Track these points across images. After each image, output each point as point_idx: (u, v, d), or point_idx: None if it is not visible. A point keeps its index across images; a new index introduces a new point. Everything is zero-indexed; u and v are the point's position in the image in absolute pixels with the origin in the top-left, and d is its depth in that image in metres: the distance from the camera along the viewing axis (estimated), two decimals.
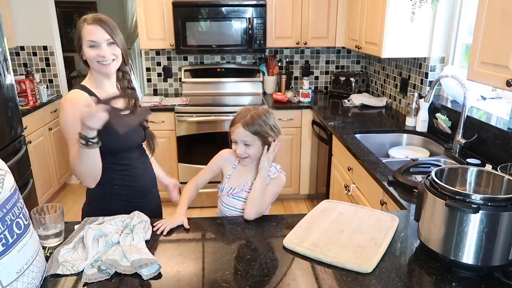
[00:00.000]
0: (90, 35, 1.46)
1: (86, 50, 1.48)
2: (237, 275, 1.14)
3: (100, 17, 1.49)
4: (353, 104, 3.43)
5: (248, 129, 1.49)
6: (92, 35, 1.46)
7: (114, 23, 1.52)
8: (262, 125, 1.50)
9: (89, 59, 1.49)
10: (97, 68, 1.51)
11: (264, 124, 1.51)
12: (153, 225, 1.40)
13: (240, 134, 1.51)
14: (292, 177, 3.72)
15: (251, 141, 1.51)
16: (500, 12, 1.54)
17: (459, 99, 2.39)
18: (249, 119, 1.50)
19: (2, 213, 0.95)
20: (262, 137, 1.52)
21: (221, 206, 1.64)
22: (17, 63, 3.98)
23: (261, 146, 1.53)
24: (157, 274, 1.15)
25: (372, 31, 2.91)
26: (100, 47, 1.48)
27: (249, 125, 1.49)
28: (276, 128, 1.55)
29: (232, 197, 1.59)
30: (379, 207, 1.86)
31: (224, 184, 1.62)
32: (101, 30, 1.48)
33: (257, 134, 1.50)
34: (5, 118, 2.88)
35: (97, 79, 1.56)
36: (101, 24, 1.47)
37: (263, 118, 1.51)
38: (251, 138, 1.50)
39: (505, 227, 1.09)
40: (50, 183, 3.80)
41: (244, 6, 3.47)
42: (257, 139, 1.51)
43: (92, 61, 1.49)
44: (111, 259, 1.17)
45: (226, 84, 3.99)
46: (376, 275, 1.13)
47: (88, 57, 1.49)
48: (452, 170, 1.33)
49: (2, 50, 2.83)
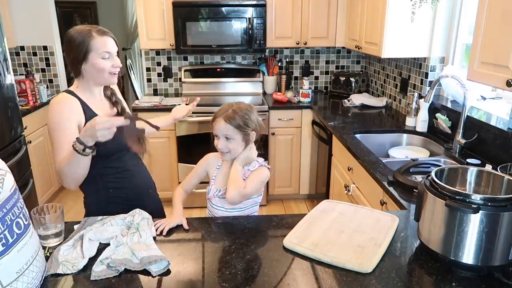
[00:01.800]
0: (104, 46, 1.47)
1: (97, 61, 1.47)
2: (237, 275, 1.14)
3: (105, 29, 1.51)
4: (353, 104, 3.43)
5: (230, 123, 1.52)
6: (106, 46, 1.47)
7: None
8: (244, 119, 1.53)
9: (100, 69, 1.48)
10: (105, 78, 1.51)
11: (246, 119, 1.54)
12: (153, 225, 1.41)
13: (221, 128, 1.53)
14: (292, 177, 3.72)
15: (232, 135, 1.53)
16: (500, 12, 1.54)
17: (459, 99, 2.39)
18: (230, 113, 1.53)
19: (2, 213, 0.95)
20: (243, 132, 1.54)
21: (210, 207, 1.65)
22: (17, 63, 3.98)
23: (241, 141, 1.55)
24: (166, 270, 1.15)
25: (372, 31, 2.91)
26: (113, 58, 1.50)
27: (231, 119, 1.52)
28: (257, 124, 1.58)
29: (219, 198, 1.60)
30: (379, 207, 1.86)
31: (211, 186, 1.64)
32: (112, 41, 1.51)
33: (238, 128, 1.52)
34: (5, 118, 2.88)
35: (88, 88, 1.55)
36: (111, 35, 1.51)
37: (244, 112, 1.54)
38: (232, 132, 1.52)
39: (505, 227, 1.09)
40: (50, 183, 3.80)
41: (244, 6, 3.47)
42: (238, 133, 1.53)
43: (103, 71, 1.48)
44: (121, 259, 1.17)
45: (226, 84, 3.99)
46: (376, 275, 1.13)
47: (100, 68, 1.48)
48: (452, 170, 1.33)
49: (2, 50, 2.83)
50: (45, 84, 4.00)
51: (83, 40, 1.45)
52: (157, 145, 3.54)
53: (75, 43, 1.46)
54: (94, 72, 1.49)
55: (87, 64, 1.48)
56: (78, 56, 1.46)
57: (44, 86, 3.86)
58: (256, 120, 1.57)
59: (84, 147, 1.33)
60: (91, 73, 1.49)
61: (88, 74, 1.50)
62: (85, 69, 1.49)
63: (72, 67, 1.50)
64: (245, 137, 1.55)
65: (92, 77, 1.51)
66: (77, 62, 1.48)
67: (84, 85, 1.54)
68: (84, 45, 1.45)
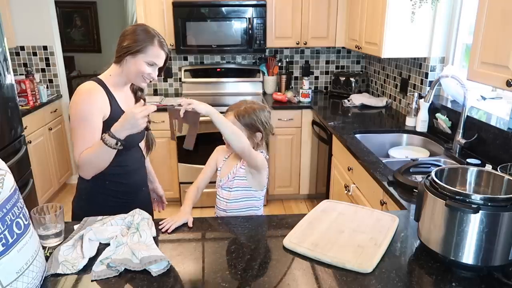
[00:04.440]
0: (156, 57, 1.53)
1: (141, 63, 1.51)
2: (237, 275, 1.14)
3: (165, 43, 1.56)
4: (353, 104, 3.43)
5: (239, 120, 1.55)
6: (158, 59, 1.53)
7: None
8: (254, 119, 1.56)
9: (139, 72, 1.52)
10: (137, 80, 1.56)
11: (256, 119, 1.56)
12: (159, 224, 1.41)
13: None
14: (292, 177, 3.72)
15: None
16: (500, 12, 1.54)
17: (459, 99, 2.39)
18: (242, 110, 1.56)
19: (2, 213, 0.95)
20: (250, 131, 1.56)
21: (216, 199, 1.69)
22: (17, 63, 3.98)
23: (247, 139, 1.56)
24: (166, 270, 1.15)
25: (372, 31, 2.91)
26: (155, 69, 1.55)
27: (241, 116, 1.55)
28: (267, 126, 1.60)
29: (222, 189, 1.65)
30: (379, 207, 1.86)
31: (218, 177, 1.68)
32: (164, 57, 1.56)
33: (246, 126, 1.55)
34: (5, 118, 2.88)
35: (120, 80, 1.58)
36: (166, 52, 1.56)
37: (256, 113, 1.56)
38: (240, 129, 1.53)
39: (505, 227, 1.09)
40: (50, 183, 3.80)
41: (244, 6, 3.47)
42: (245, 131, 1.55)
43: (139, 72, 1.53)
44: (121, 259, 1.17)
45: (226, 84, 3.99)
46: (376, 275, 1.13)
47: (139, 71, 1.52)
48: (452, 170, 1.33)
49: (2, 50, 2.83)
50: (45, 84, 4.00)
51: (144, 40, 1.50)
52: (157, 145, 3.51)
53: (137, 36, 1.51)
54: (132, 68, 1.52)
55: (133, 59, 1.51)
56: (131, 48, 1.50)
57: (44, 86, 3.86)
58: (265, 121, 1.60)
59: (116, 141, 1.39)
60: (129, 67, 1.53)
61: (126, 66, 1.53)
62: (128, 60, 1.52)
63: (119, 52, 1.53)
64: (251, 135, 1.58)
65: (128, 70, 1.54)
66: (126, 51, 1.51)
67: (117, 74, 1.56)
68: (142, 44, 1.50)
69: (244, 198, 1.63)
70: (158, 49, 1.52)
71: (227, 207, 1.63)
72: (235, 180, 1.61)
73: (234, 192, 1.62)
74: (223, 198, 1.65)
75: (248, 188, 1.62)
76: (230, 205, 1.63)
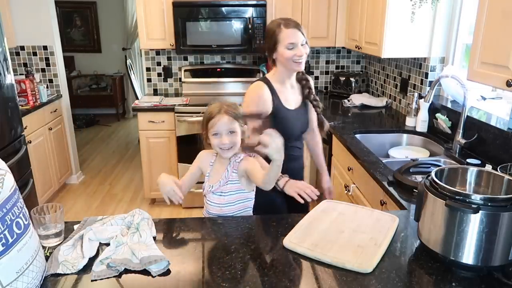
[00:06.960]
0: (288, 38, 1.67)
1: (284, 51, 1.68)
2: (237, 275, 1.14)
3: (295, 21, 1.71)
4: (353, 104, 3.43)
5: (231, 115, 1.54)
6: (290, 37, 1.68)
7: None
8: (239, 110, 1.59)
9: (286, 59, 1.67)
10: (291, 66, 1.71)
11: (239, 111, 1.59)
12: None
13: (225, 123, 1.52)
14: None
15: (235, 128, 1.54)
16: (500, 12, 1.54)
17: (459, 99, 2.39)
18: (227, 107, 1.56)
19: (2, 213, 0.95)
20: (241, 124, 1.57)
21: (207, 204, 1.65)
22: (17, 63, 3.98)
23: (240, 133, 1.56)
24: (166, 270, 1.16)
25: (372, 31, 2.91)
26: (297, 47, 1.69)
27: (231, 111, 1.54)
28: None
29: (214, 194, 1.60)
30: (379, 207, 1.86)
31: (205, 183, 1.64)
32: (299, 33, 1.69)
33: (238, 120, 1.56)
34: (5, 118, 2.88)
35: (282, 76, 1.79)
36: (299, 28, 1.70)
37: (235, 106, 1.59)
38: (236, 125, 1.54)
39: (505, 227, 1.09)
40: (50, 183, 3.80)
41: (244, 6, 3.47)
42: (238, 126, 1.55)
43: (288, 60, 1.69)
44: (121, 259, 1.17)
45: (226, 84, 3.99)
46: (376, 275, 1.13)
47: (286, 57, 1.70)
48: (452, 170, 1.33)
49: (2, 50, 2.83)
50: (45, 84, 4.00)
51: (273, 32, 1.69)
52: (157, 145, 3.54)
53: (268, 34, 1.69)
54: (282, 60, 1.71)
55: (277, 53, 1.70)
56: (270, 46, 1.71)
57: (44, 86, 3.86)
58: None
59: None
60: (280, 61, 1.72)
61: (279, 62, 1.73)
62: (276, 57, 1.72)
63: (269, 55, 1.76)
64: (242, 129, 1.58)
65: (282, 64, 1.72)
66: (270, 51, 1.72)
67: (278, 73, 1.78)
68: (274, 37, 1.69)
69: (238, 201, 1.59)
70: (286, 30, 1.66)
71: (222, 211, 1.59)
72: (228, 185, 1.58)
73: (228, 196, 1.58)
74: (215, 203, 1.60)
75: (241, 191, 1.59)
76: (224, 209, 1.59)
